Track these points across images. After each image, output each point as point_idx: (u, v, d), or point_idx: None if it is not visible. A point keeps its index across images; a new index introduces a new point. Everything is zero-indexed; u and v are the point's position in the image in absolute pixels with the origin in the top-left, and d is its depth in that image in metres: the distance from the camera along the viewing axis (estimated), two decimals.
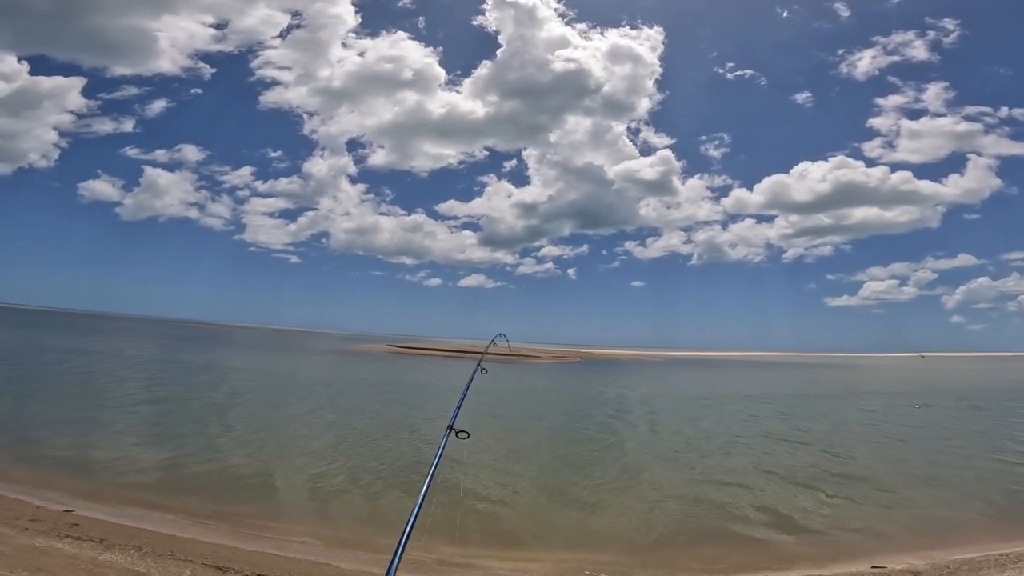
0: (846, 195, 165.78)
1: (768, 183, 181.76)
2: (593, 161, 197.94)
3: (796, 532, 8.34)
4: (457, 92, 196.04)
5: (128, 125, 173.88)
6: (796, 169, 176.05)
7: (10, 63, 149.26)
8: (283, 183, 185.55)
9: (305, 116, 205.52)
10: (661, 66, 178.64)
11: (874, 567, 6.74)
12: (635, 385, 36.11)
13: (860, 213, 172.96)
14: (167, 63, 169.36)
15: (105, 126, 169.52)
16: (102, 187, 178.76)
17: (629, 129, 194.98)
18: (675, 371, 57.04)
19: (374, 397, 24.17)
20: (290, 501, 9.18)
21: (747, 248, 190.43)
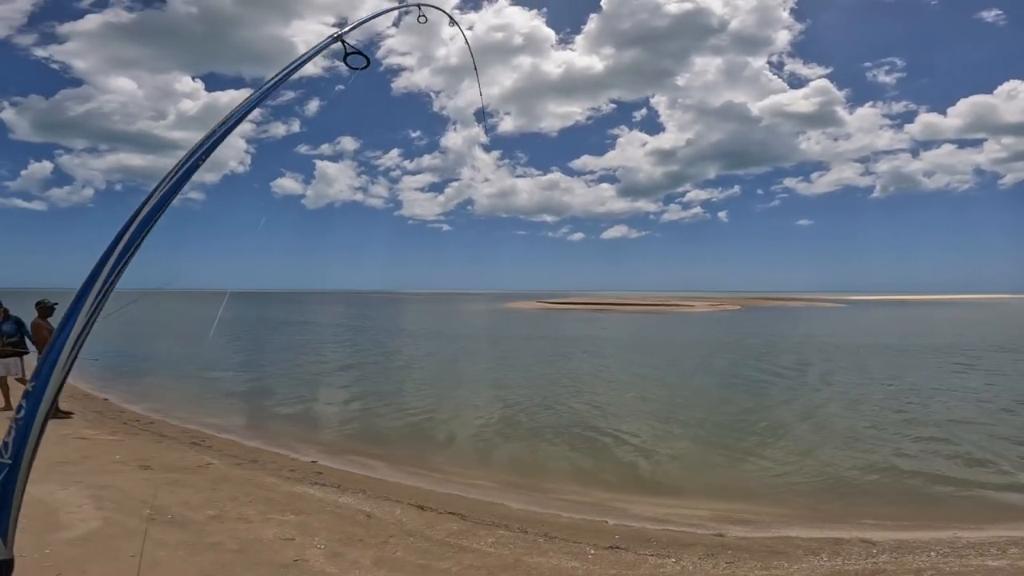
0: None
1: (966, 105, 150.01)
2: (733, 99, 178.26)
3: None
4: (571, 50, 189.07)
5: (296, 126, 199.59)
6: (1002, 88, 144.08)
7: (187, 83, 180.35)
8: (427, 159, 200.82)
9: (432, 95, 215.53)
10: None
11: None
12: (806, 335, 32.84)
13: None
14: (309, 65, 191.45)
15: (279, 129, 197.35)
16: (288, 183, 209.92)
17: (770, 63, 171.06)
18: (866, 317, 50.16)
19: (534, 353, 25.86)
20: (471, 450, 10.77)
21: (948, 176, 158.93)
